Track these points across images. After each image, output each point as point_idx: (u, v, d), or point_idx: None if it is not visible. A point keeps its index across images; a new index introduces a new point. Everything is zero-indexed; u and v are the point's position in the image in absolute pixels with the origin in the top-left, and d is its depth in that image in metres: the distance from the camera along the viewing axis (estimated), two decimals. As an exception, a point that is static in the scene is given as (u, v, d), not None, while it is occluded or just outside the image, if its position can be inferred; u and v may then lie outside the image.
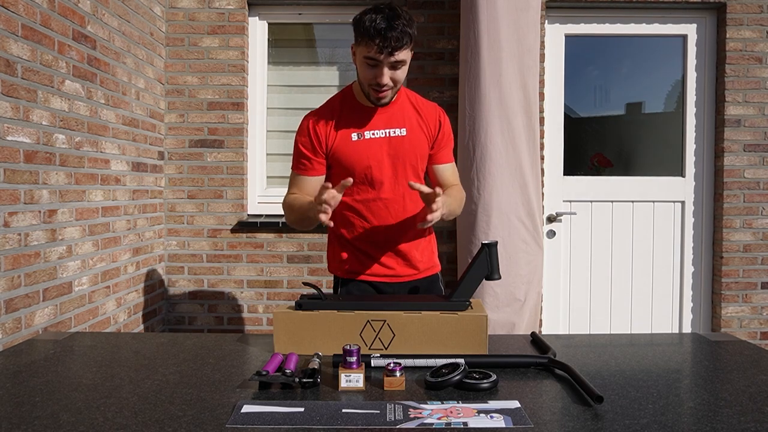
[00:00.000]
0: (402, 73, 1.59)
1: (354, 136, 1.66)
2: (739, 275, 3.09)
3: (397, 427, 0.96)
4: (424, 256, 1.80)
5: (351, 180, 1.44)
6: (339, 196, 1.44)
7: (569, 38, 3.18)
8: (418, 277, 1.79)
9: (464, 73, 2.77)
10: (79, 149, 2.21)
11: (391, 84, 1.57)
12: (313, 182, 1.70)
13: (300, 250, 3.08)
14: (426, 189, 1.49)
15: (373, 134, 1.66)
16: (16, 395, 1.10)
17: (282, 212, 3.34)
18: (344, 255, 1.77)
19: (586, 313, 3.20)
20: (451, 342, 1.34)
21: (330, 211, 1.43)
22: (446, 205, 1.57)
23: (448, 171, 1.79)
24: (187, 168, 3.07)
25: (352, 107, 1.69)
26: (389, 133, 1.67)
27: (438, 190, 1.48)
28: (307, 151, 1.69)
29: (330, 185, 1.43)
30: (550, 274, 3.17)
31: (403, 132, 1.68)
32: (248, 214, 3.15)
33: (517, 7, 2.67)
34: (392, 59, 1.52)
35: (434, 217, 1.48)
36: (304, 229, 1.78)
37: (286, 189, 1.77)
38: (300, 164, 1.72)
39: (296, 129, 1.75)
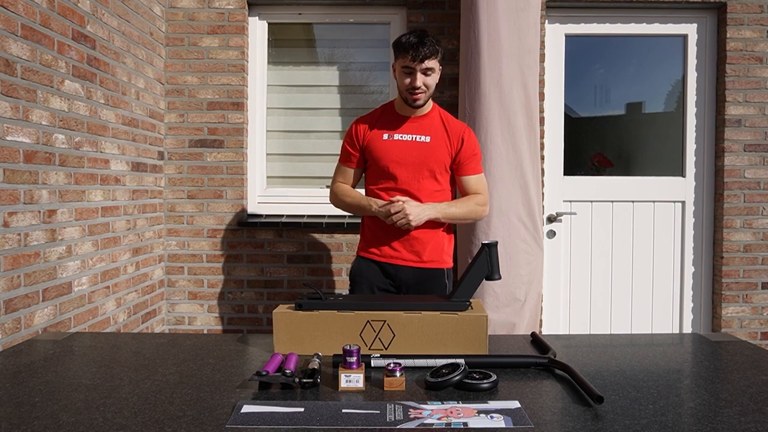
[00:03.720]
0: (432, 80, 1.98)
1: (385, 136, 2.05)
2: (740, 275, 3.09)
3: (397, 427, 0.96)
4: (429, 248, 2.04)
5: (402, 202, 1.93)
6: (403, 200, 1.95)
7: (569, 38, 3.18)
8: (420, 266, 2.04)
9: (464, 73, 2.77)
10: (78, 149, 2.21)
11: (423, 88, 1.96)
12: (353, 172, 2.14)
13: (300, 250, 3.08)
14: (394, 199, 1.95)
15: (401, 137, 2.04)
16: (16, 395, 1.10)
17: (281, 212, 3.33)
18: (366, 234, 2.13)
19: (586, 313, 3.20)
20: (451, 342, 1.34)
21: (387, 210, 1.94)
22: (439, 210, 1.98)
23: (471, 182, 2.10)
24: (187, 168, 3.07)
25: (389, 115, 2.10)
26: (415, 138, 2.04)
27: (397, 201, 1.93)
28: (349, 147, 2.11)
29: (398, 198, 1.95)
30: (550, 274, 3.17)
31: (428, 139, 2.04)
32: (248, 214, 3.15)
33: (517, 7, 2.67)
34: (423, 66, 1.93)
35: (394, 216, 1.91)
36: (349, 212, 2.18)
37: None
38: (344, 156, 2.14)
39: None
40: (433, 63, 1.94)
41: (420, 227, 2.00)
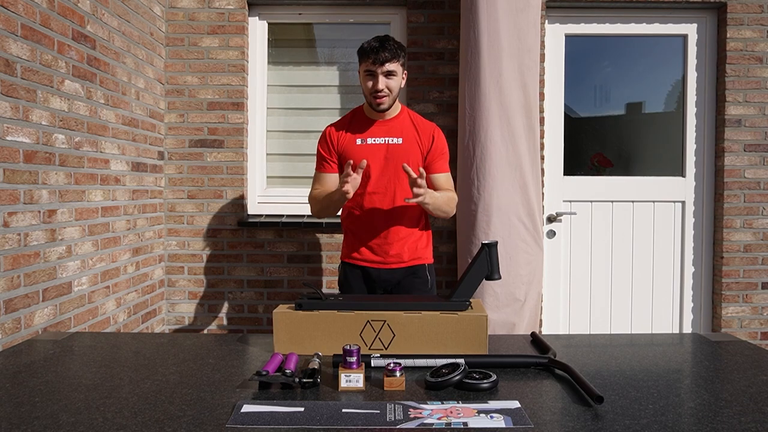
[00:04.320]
0: (394, 83, 2.01)
1: (358, 141, 2.08)
2: (740, 275, 3.09)
3: (397, 427, 0.96)
4: (408, 247, 2.10)
5: (365, 162, 1.88)
6: (357, 177, 1.87)
7: (569, 38, 3.18)
8: (402, 265, 2.10)
9: (464, 73, 2.77)
10: (78, 149, 2.21)
11: (386, 91, 2.00)
12: (331, 178, 2.13)
13: (300, 250, 3.08)
14: (412, 172, 1.83)
15: (374, 140, 2.07)
16: (16, 395, 1.10)
17: (281, 212, 3.34)
18: (347, 241, 2.17)
19: (586, 313, 3.20)
20: (451, 342, 1.34)
21: (350, 184, 1.85)
22: (432, 196, 1.93)
23: (441, 179, 2.13)
24: (187, 168, 3.07)
25: (360, 119, 2.12)
26: (387, 141, 2.07)
27: (422, 172, 1.83)
28: (325, 153, 2.13)
29: (351, 162, 1.85)
30: (550, 274, 3.17)
31: (399, 141, 2.07)
32: (248, 214, 3.15)
33: (517, 7, 2.67)
34: (384, 69, 1.97)
35: (419, 192, 1.83)
36: (327, 216, 2.11)
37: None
38: (320, 164, 2.15)
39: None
40: (394, 66, 1.98)
41: (398, 226, 2.07)
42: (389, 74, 1.98)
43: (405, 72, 2.08)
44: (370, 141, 2.06)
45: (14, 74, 1.84)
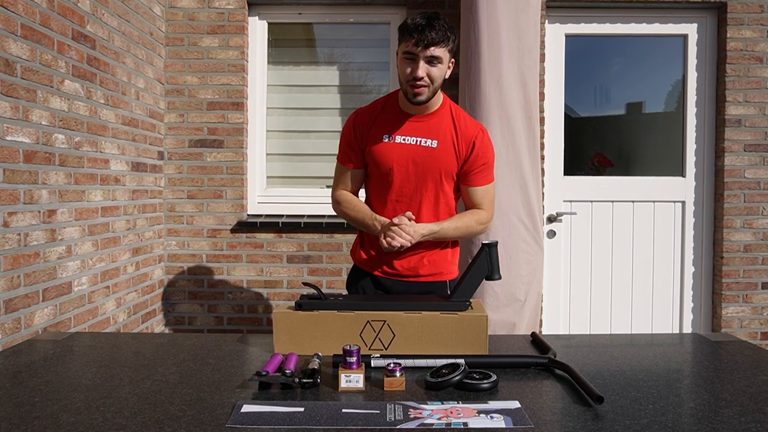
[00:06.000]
0: (438, 72, 1.65)
1: (385, 138, 1.74)
2: (740, 275, 3.09)
3: (397, 427, 0.96)
4: (430, 262, 1.80)
5: (412, 215, 1.63)
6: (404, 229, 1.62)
7: (569, 38, 3.18)
8: (420, 280, 1.80)
9: (464, 73, 2.77)
10: (78, 149, 2.21)
11: (427, 81, 1.64)
12: (355, 175, 1.83)
13: (300, 250, 3.08)
14: (396, 221, 1.63)
15: (404, 140, 1.72)
16: (16, 395, 1.10)
17: (281, 212, 3.32)
18: (360, 244, 1.87)
19: (586, 313, 3.20)
20: (451, 342, 1.34)
21: (395, 240, 1.61)
22: (434, 233, 1.70)
23: (477, 194, 1.80)
24: (187, 168, 3.07)
25: (392, 110, 1.77)
26: (419, 141, 1.73)
27: (405, 221, 1.63)
28: (348, 144, 1.81)
29: (408, 216, 1.63)
30: (550, 274, 3.17)
31: (434, 144, 1.73)
32: (248, 214, 3.15)
33: (517, 7, 2.67)
34: (428, 53, 1.60)
35: (384, 245, 1.62)
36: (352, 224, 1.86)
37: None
38: (343, 156, 1.83)
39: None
40: (441, 51, 1.62)
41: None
42: (433, 60, 1.62)
43: (452, 60, 1.71)
44: (399, 139, 1.72)
45: (14, 74, 1.84)
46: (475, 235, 1.84)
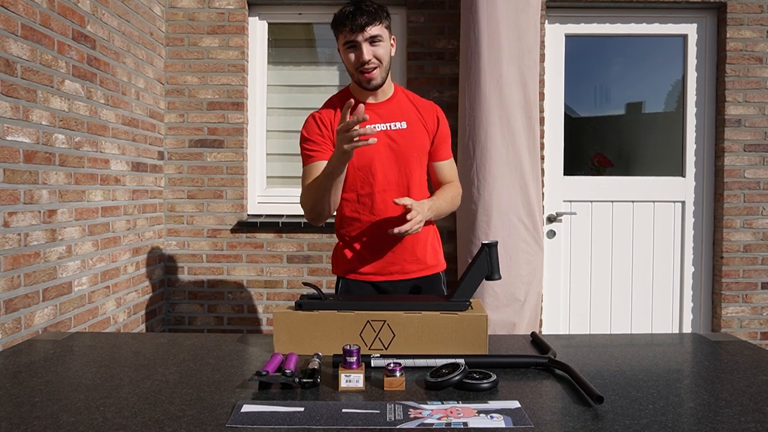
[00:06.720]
0: (382, 50, 1.66)
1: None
2: (740, 275, 3.09)
3: (397, 427, 0.96)
4: (429, 252, 1.80)
5: (352, 101, 1.44)
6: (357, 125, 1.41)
7: (569, 38, 3.18)
8: (422, 274, 1.78)
9: (464, 73, 2.77)
10: (78, 149, 2.21)
11: (375, 62, 1.65)
12: (322, 166, 1.65)
13: (300, 250, 3.08)
14: (408, 203, 1.55)
15: (374, 127, 1.57)
16: (16, 395, 1.10)
17: (281, 212, 3.32)
18: (348, 254, 1.78)
19: (586, 313, 3.20)
20: (451, 342, 1.34)
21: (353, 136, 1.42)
22: (432, 209, 1.67)
23: (446, 168, 1.84)
24: (187, 168, 3.07)
25: None
26: (390, 126, 1.72)
27: (409, 205, 1.55)
28: (314, 139, 1.71)
29: (352, 102, 1.44)
30: (550, 274, 3.17)
31: (404, 125, 1.73)
32: (248, 214, 3.15)
33: (517, 7, 2.67)
34: (367, 34, 1.62)
35: (404, 228, 1.54)
36: (324, 211, 1.67)
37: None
38: (309, 155, 1.72)
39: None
40: (377, 29, 1.63)
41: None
42: (374, 40, 1.63)
43: (393, 37, 1.72)
44: (369, 128, 1.51)
45: (14, 74, 1.84)
46: (455, 207, 1.82)
